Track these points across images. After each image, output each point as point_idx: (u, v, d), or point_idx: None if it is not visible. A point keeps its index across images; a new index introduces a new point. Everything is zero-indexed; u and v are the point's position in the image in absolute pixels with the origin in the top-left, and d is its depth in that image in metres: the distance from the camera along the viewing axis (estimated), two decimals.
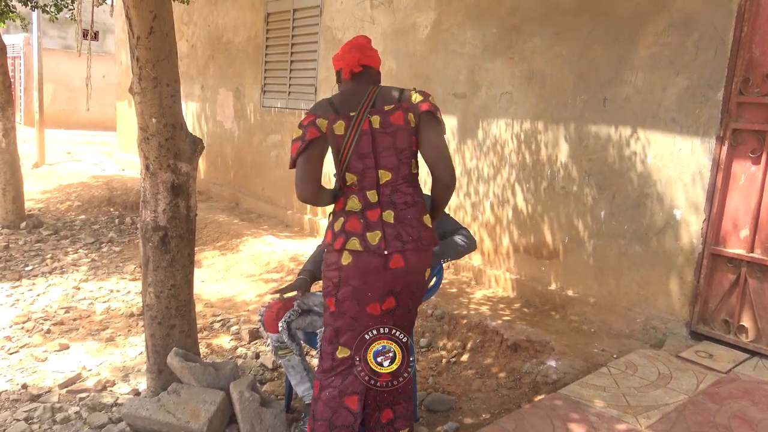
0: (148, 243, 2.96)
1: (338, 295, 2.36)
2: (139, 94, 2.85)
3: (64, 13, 8.03)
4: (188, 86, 8.50)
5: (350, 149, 2.32)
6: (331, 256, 2.37)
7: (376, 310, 2.36)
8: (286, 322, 2.78)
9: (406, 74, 5.29)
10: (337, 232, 2.34)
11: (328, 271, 2.37)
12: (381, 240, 2.30)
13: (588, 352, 3.62)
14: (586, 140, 4.05)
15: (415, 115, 2.35)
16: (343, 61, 2.44)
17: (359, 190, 2.35)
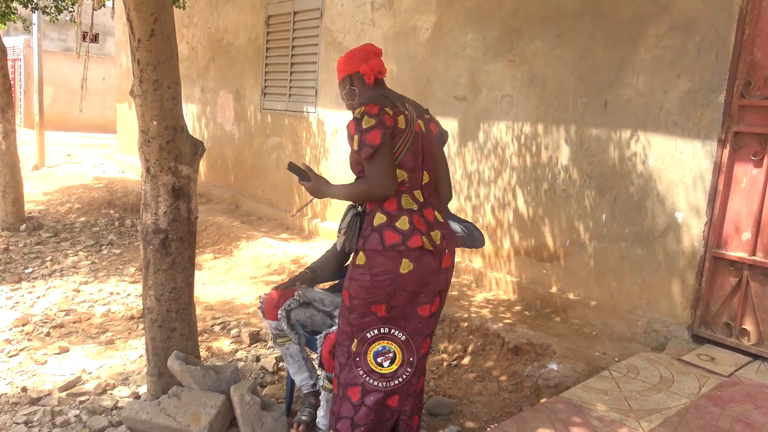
0: (149, 246, 2.95)
1: (391, 302, 2.31)
2: (140, 96, 2.84)
3: (65, 15, 8.03)
4: (188, 88, 8.49)
5: (407, 145, 2.31)
6: (383, 263, 2.26)
7: (426, 312, 2.39)
8: (286, 311, 2.80)
9: (407, 77, 5.28)
10: (407, 230, 2.26)
11: (378, 279, 2.28)
12: (442, 239, 2.35)
13: (589, 355, 3.61)
14: (587, 143, 4.04)
15: (438, 131, 2.51)
16: (367, 65, 2.44)
17: (409, 189, 2.34)
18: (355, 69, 2.47)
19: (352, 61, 2.48)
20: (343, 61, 2.53)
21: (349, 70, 2.48)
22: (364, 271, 2.30)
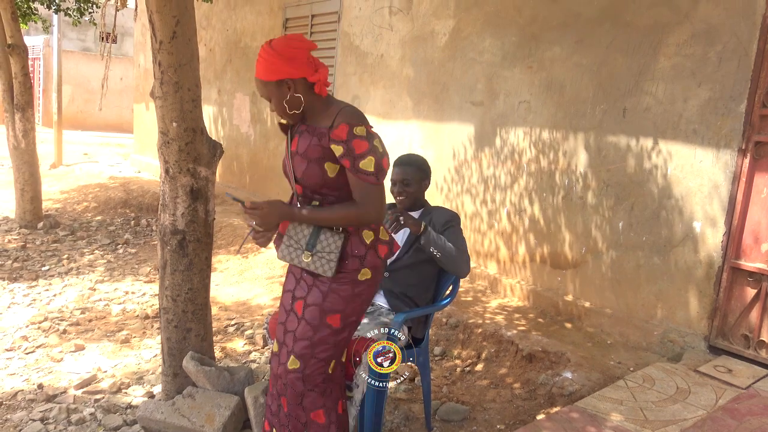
0: (167, 246, 2.97)
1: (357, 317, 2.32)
2: (160, 98, 2.86)
3: (85, 16, 8.12)
4: (205, 90, 8.55)
5: None
6: (380, 274, 2.30)
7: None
8: None
9: (423, 81, 5.29)
10: (373, 242, 2.24)
11: (364, 293, 2.26)
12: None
13: (604, 364, 3.59)
14: (605, 150, 4.02)
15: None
16: (318, 74, 2.15)
17: None
18: (300, 74, 2.11)
19: (295, 63, 2.10)
20: (279, 60, 2.09)
21: (292, 73, 2.10)
22: (370, 285, 2.27)
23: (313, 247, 2.16)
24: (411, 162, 2.97)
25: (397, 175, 2.94)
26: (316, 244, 2.16)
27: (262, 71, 2.14)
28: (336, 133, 2.08)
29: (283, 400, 2.34)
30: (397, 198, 2.96)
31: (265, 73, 2.14)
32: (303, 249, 2.17)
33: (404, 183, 2.92)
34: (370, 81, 5.84)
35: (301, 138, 2.19)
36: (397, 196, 2.95)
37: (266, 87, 2.16)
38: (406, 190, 2.92)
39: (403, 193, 2.93)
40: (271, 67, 2.12)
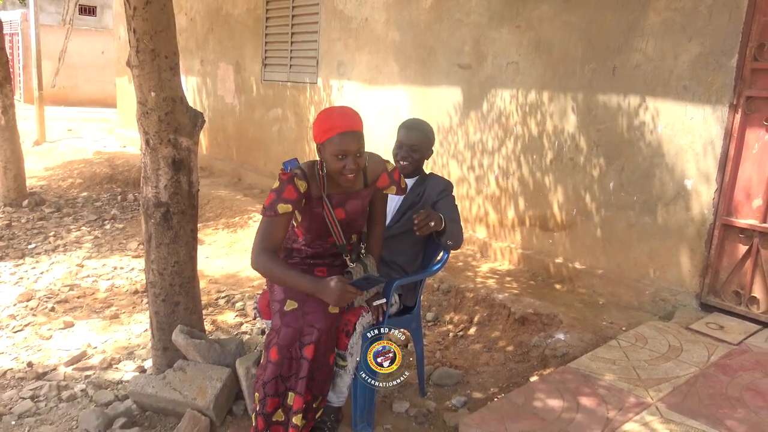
0: (150, 219, 2.91)
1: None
2: (137, 67, 2.77)
3: None
4: (188, 60, 8.38)
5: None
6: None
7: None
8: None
9: (409, 45, 5.18)
10: None
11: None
12: None
13: (596, 324, 3.59)
14: (595, 110, 3.96)
15: None
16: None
17: None
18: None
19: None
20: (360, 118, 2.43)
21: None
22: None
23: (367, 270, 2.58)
24: (421, 128, 2.89)
25: (405, 139, 2.87)
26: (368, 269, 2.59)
27: (361, 123, 2.38)
28: (381, 183, 2.57)
29: (310, 349, 2.34)
30: (400, 162, 2.88)
31: (358, 125, 2.36)
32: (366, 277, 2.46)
33: (412, 148, 2.85)
34: (355, 46, 5.72)
35: (347, 203, 2.48)
36: (400, 161, 2.87)
37: (359, 138, 2.34)
38: (412, 156, 2.85)
39: (408, 158, 2.85)
40: (360, 120, 2.40)
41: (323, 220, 2.45)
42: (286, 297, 2.48)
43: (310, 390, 2.44)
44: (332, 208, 2.44)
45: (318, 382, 2.45)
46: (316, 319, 2.40)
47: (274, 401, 2.38)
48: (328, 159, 2.33)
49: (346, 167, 2.31)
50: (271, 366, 2.36)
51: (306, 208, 2.45)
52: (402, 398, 3.08)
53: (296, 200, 2.37)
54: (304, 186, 2.39)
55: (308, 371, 2.36)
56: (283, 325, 2.39)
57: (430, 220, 2.60)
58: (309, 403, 2.45)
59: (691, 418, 2.45)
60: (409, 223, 2.84)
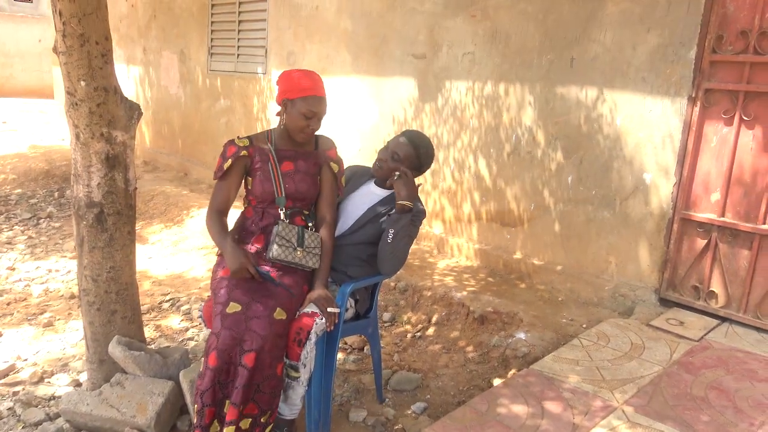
0: (82, 221, 2.66)
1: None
2: (64, 53, 2.51)
3: None
4: (129, 49, 8.00)
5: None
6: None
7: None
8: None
9: (362, 35, 5.00)
10: None
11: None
12: None
13: (557, 322, 3.51)
14: (552, 102, 3.87)
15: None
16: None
17: None
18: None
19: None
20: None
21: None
22: None
23: (303, 244, 2.47)
24: (414, 142, 2.67)
25: (393, 143, 2.68)
26: (304, 241, 2.48)
27: (325, 90, 2.54)
28: (331, 154, 2.64)
29: (251, 357, 2.18)
30: (375, 163, 2.71)
31: (326, 92, 2.54)
32: (295, 246, 2.45)
33: (393, 156, 2.65)
34: (306, 35, 5.50)
35: (297, 159, 2.57)
36: (376, 161, 2.70)
37: (325, 104, 2.52)
38: (388, 162, 2.64)
39: (384, 162, 2.65)
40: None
41: (270, 176, 2.51)
42: (230, 299, 2.31)
43: (257, 403, 2.27)
44: (278, 160, 2.53)
45: (265, 396, 2.27)
46: (260, 325, 2.23)
47: (211, 411, 2.21)
48: (295, 116, 2.47)
49: (309, 126, 2.49)
50: (210, 373, 2.19)
51: (254, 167, 2.54)
52: (359, 406, 2.93)
53: (235, 153, 2.50)
54: (245, 142, 2.55)
55: (247, 380, 2.19)
56: (224, 328, 2.23)
57: (407, 174, 2.55)
58: (256, 417, 2.28)
59: (658, 420, 2.38)
60: (367, 235, 2.68)
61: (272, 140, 2.59)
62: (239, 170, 2.55)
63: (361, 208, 2.74)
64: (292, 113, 2.48)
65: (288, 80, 2.50)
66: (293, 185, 2.54)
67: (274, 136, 2.60)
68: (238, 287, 2.36)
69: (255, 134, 2.64)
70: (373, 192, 2.78)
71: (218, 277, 2.47)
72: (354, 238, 2.70)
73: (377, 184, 2.78)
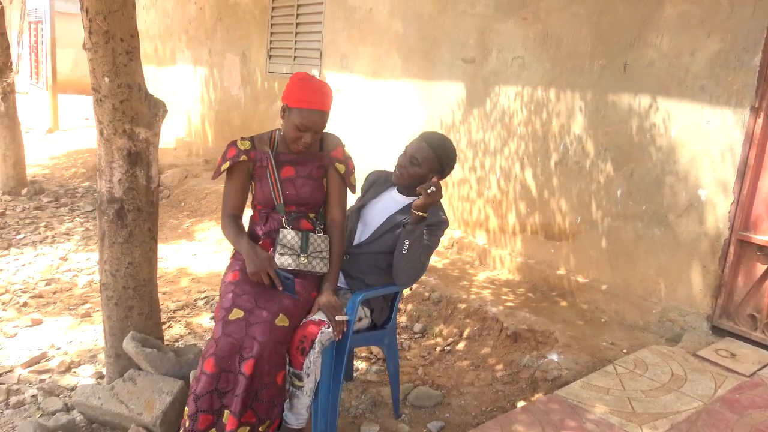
0: (104, 216, 2.68)
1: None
2: (90, 50, 2.54)
3: None
4: (197, 51, 8.21)
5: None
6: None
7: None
8: None
9: (413, 38, 4.90)
10: None
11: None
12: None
13: (595, 345, 3.28)
14: (604, 110, 3.64)
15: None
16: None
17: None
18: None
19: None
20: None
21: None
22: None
23: (307, 250, 2.39)
24: (434, 144, 2.54)
25: (411, 147, 2.56)
26: (308, 246, 2.40)
27: (331, 103, 2.43)
28: (335, 154, 2.51)
29: (249, 364, 2.12)
30: (395, 169, 2.59)
31: (329, 105, 2.41)
32: (299, 253, 2.38)
33: (411, 160, 2.52)
34: (359, 38, 5.45)
35: (298, 163, 2.46)
36: (396, 168, 2.58)
37: (325, 118, 2.40)
38: (407, 168, 2.53)
39: (403, 168, 2.54)
40: (331, 100, 2.45)
41: (269, 182, 2.44)
42: (234, 305, 2.26)
43: (255, 412, 2.20)
44: (276, 164, 2.45)
45: (264, 404, 2.20)
46: (260, 331, 2.17)
47: (207, 418, 2.15)
48: (289, 126, 2.37)
49: (302, 140, 2.38)
50: (206, 378, 2.13)
51: (256, 171, 2.47)
52: (373, 420, 2.82)
53: (235, 155, 2.44)
54: (247, 144, 2.47)
55: (245, 389, 2.12)
56: (224, 335, 2.17)
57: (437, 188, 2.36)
58: (254, 425, 2.20)
59: None
60: (387, 244, 2.57)
61: (275, 142, 2.51)
62: (242, 173, 2.49)
63: (381, 216, 2.63)
64: (288, 121, 2.38)
65: (291, 84, 2.41)
66: (294, 191, 2.46)
67: (278, 138, 2.51)
68: (245, 293, 2.30)
69: (259, 135, 2.55)
70: (395, 199, 2.67)
71: (227, 281, 2.42)
72: (373, 247, 2.60)
73: (399, 191, 2.67)
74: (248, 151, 2.47)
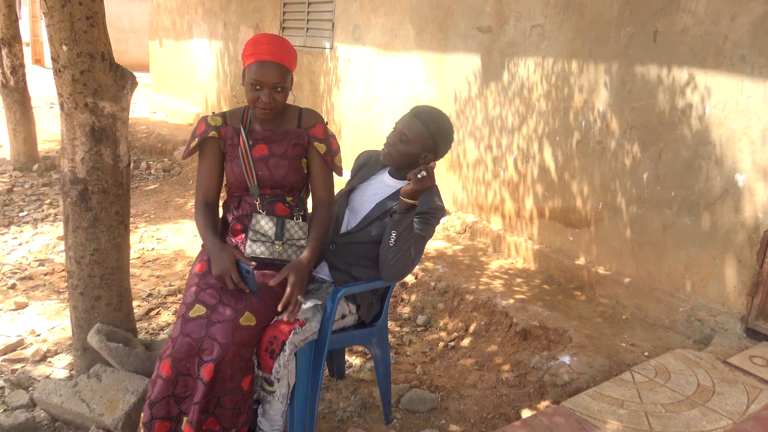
0: (67, 198, 2.45)
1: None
2: (46, 14, 2.29)
3: None
4: (212, 23, 7.96)
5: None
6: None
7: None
8: None
9: (426, 6, 4.54)
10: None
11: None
12: None
13: (613, 346, 2.96)
14: (630, 84, 3.27)
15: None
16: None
17: None
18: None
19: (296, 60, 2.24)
20: (294, 52, 2.20)
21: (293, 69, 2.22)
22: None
23: (282, 236, 2.17)
24: (425, 119, 2.20)
25: (400, 123, 2.23)
26: (284, 233, 2.17)
27: (290, 58, 2.14)
28: (315, 132, 2.25)
29: (209, 369, 1.88)
30: (383, 148, 2.28)
31: (291, 60, 2.14)
32: (273, 240, 2.16)
33: (400, 138, 2.21)
34: (371, 8, 5.11)
35: (272, 141, 2.22)
36: (384, 146, 2.27)
37: (287, 76, 2.13)
38: (397, 146, 2.21)
39: (392, 147, 2.23)
40: (294, 57, 2.17)
41: (241, 161, 2.22)
42: (195, 300, 2.02)
43: (218, 419, 1.96)
44: (248, 141, 2.22)
45: (228, 411, 1.96)
46: (221, 332, 1.92)
47: (164, 425, 1.92)
48: (246, 88, 2.15)
49: (260, 99, 2.12)
50: (161, 382, 1.90)
51: (227, 150, 2.24)
52: (360, 425, 2.57)
53: (204, 132, 2.22)
54: (218, 120, 2.25)
55: (204, 395, 1.88)
56: (182, 334, 1.93)
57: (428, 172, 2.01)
58: None
59: None
60: (376, 233, 2.29)
61: (248, 118, 2.27)
62: (214, 152, 2.26)
63: (370, 202, 2.35)
64: (245, 85, 2.14)
65: (246, 45, 2.16)
66: (267, 171, 2.21)
67: (250, 114, 2.26)
68: (209, 287, 2.06)
69: (232, 110, 2.32)
70: (386, 183, 2.38)
71: (193, 271, 2.18)
72: (361, 236, 2.32)
73: (391, 174, 2.38)
74: (219, 128, 2.25)
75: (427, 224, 2.25)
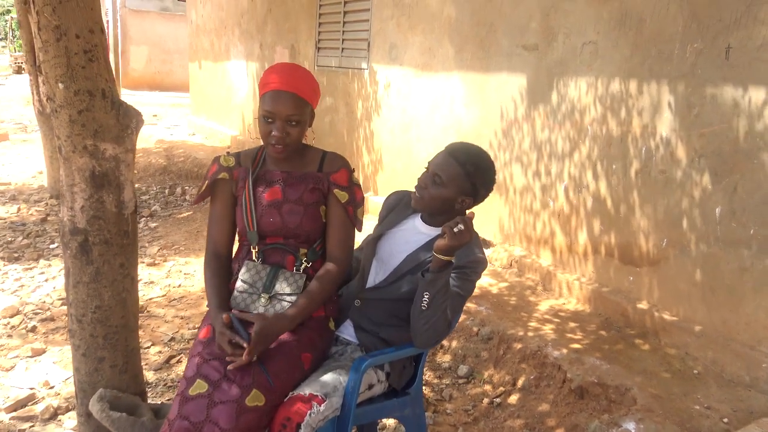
0: (67, 250, 2.23)
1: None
2: (41, 50, 2.08)
3: None
4: (249, 45, 7.84)
5: None
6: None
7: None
8: None
9: (466, 23, 4.24)
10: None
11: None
12: None
13: (685, 409, 2.56)
14: (699, 107, 2.89)
15: None
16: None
17: None
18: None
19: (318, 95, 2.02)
20: (316, 84, 1.99)
21: (315, 104, 2.01)
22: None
23: (270, 289, 1.92)
24: (461, 158, 1.92)
25: (433, 162, 1.96)
26: (275, 285, 1.92)
27: (306, 88, 1.92)
28: (337, 178, 2.00)
29: None
30: (415, 191, 1.99)
31: (308, 91, 1.92)
32: (260, 293, 1.92)
33: (434, 178, 1.93)
34: (408, 26, 4.84)
35: (288, 185, 1.99)
36: (416, 189, 1.99)
37: (304, 109, 1.91)
38: (429, 188, 1.94)
39: (424, 188, 1.95)
40: (313, 88, 1.96)
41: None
42: (197, 375, 1.75)
43: None
44: (261, 184, 2.00)
45: None
46: (224, 415, 1.66)
47: None
48: (259, 122, 1.95)
49: (272, 133, 1.89)
50: None
51: (238, 194, 2.03)
52: None
53: (215, 173, 2.02)
54: (231, 161, 2.04)
55: None
56: (179, 417, 1.68)
57: (467, 224, 1.72)
58: None
59: None
60: (407, 289, 1.98)
61: (261, 158, 2.05)
62: (225, 196, 2.04)
63: (400, 253, 2.04)
64: (258, 119, 1.95)
65: (262, 75, 1.99)
66: (279, 218, 1.96)
67: (265, 153, 2.06)
68: (213, 357, 1.80)
69: (246, 150, 2.10)
70: (418, 230, 2.07)
71: (198, 337, 1.92)
72: (390, 291, 2.02)
73: (424, 220, 2.07)
74: (231, 169, 2.04)
75: (467, 280, 1.94)
